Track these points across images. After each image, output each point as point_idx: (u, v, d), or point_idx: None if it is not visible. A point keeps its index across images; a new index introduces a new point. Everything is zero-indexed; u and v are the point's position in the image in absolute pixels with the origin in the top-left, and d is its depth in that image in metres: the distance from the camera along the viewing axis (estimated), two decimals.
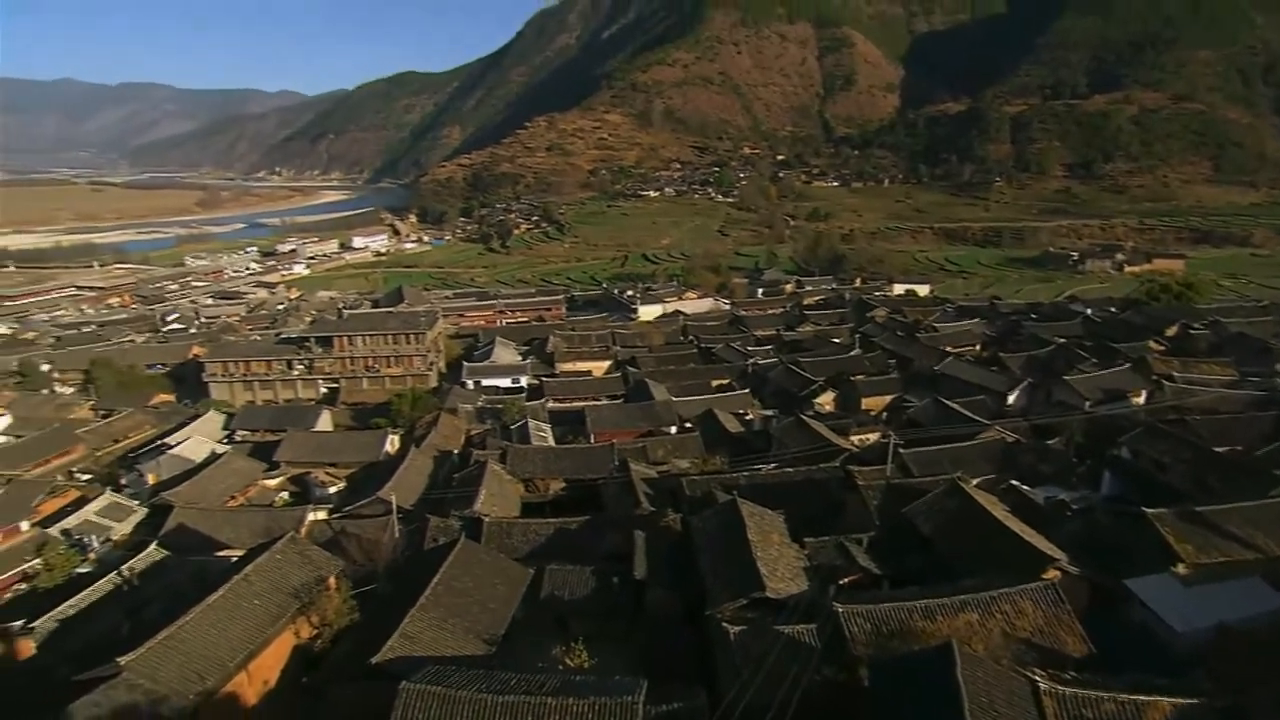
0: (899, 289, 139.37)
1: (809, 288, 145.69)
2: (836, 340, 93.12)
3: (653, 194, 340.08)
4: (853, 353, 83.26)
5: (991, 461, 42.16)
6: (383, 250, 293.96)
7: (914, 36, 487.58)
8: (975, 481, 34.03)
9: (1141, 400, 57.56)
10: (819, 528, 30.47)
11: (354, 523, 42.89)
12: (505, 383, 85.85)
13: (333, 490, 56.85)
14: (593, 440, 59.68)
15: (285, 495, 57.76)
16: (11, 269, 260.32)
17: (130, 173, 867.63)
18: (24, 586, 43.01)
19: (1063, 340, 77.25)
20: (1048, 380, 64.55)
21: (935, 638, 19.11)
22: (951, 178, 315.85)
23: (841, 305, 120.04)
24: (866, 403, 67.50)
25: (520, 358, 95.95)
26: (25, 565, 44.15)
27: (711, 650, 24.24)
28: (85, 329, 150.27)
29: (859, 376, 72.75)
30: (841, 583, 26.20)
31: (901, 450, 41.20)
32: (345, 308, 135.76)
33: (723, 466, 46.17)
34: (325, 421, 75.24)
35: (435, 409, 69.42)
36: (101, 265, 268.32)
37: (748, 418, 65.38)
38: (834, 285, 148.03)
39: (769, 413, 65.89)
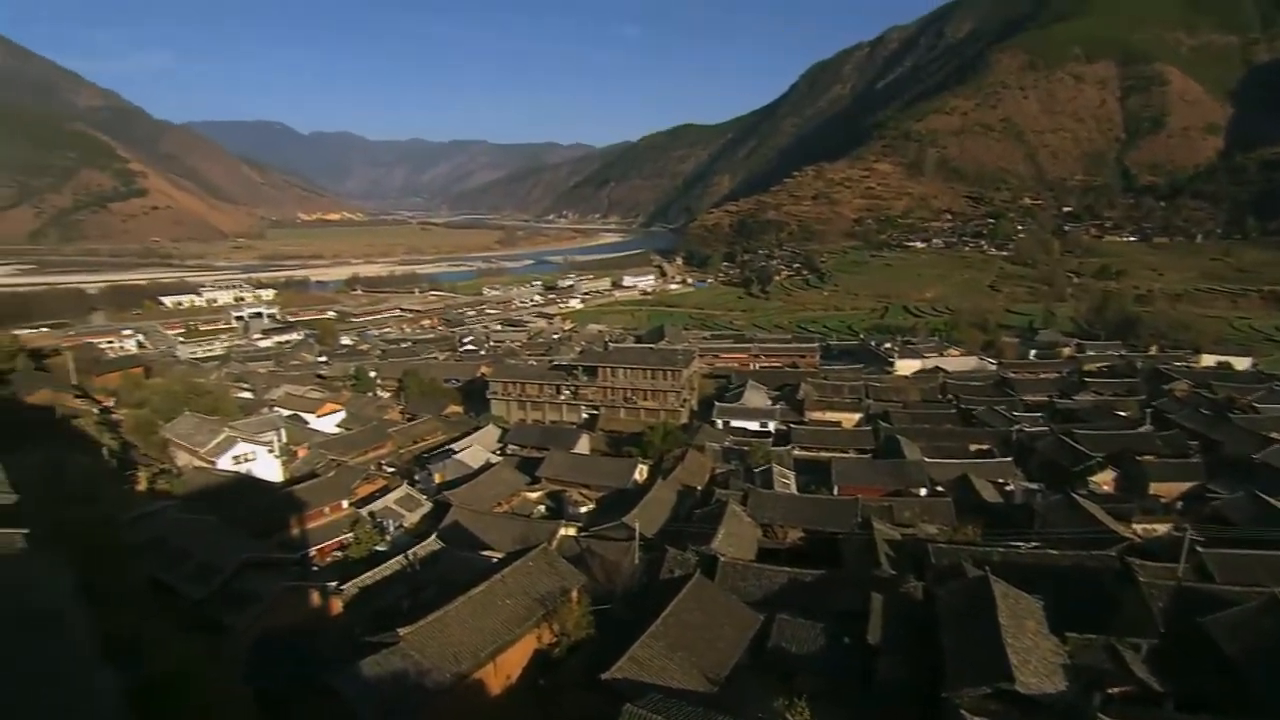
0: (1208, 360, 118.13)
1: (1091, 352, 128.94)
2: (1122, 413, 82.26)
3: (919, 245, 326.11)
4: (1142, 429, 72.96)
5: None
6: (649, 290, 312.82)
7: (1251, 67, 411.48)
8: None
9: None
10: (1085, 623, 26.77)
11: (599, 543, 45.11)
12: (754, 425, 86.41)
13: (583, 509, 60.52)
14: (836, 493, 58.17)
15: (542, 508, 62.25)
16: (359, 292, 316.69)
17: (450, 215, 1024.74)
18: (340, 554, 51.40)
19: None
20: None
21: None
22: None
23: (1131, 374, 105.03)
24: (1156, 488, 58.50)
25: (770, 402, 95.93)
26: (342, 537, 52.73)
27: None
28: (403, 345, 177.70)
29: (1148, 457, 63.52)
30: (1110, 691, 22.88)
31: (1200, 549, 34.91)
32: (611, 341, 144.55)
33: (975, 538, 42.40)
34: (584, 445, 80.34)
35: (684, 444, 71.46)
36: (420, 292, 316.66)
37: (1008, 488, 59.93)
38: (1122, 352, 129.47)
39: (1033, 486, 59.65)
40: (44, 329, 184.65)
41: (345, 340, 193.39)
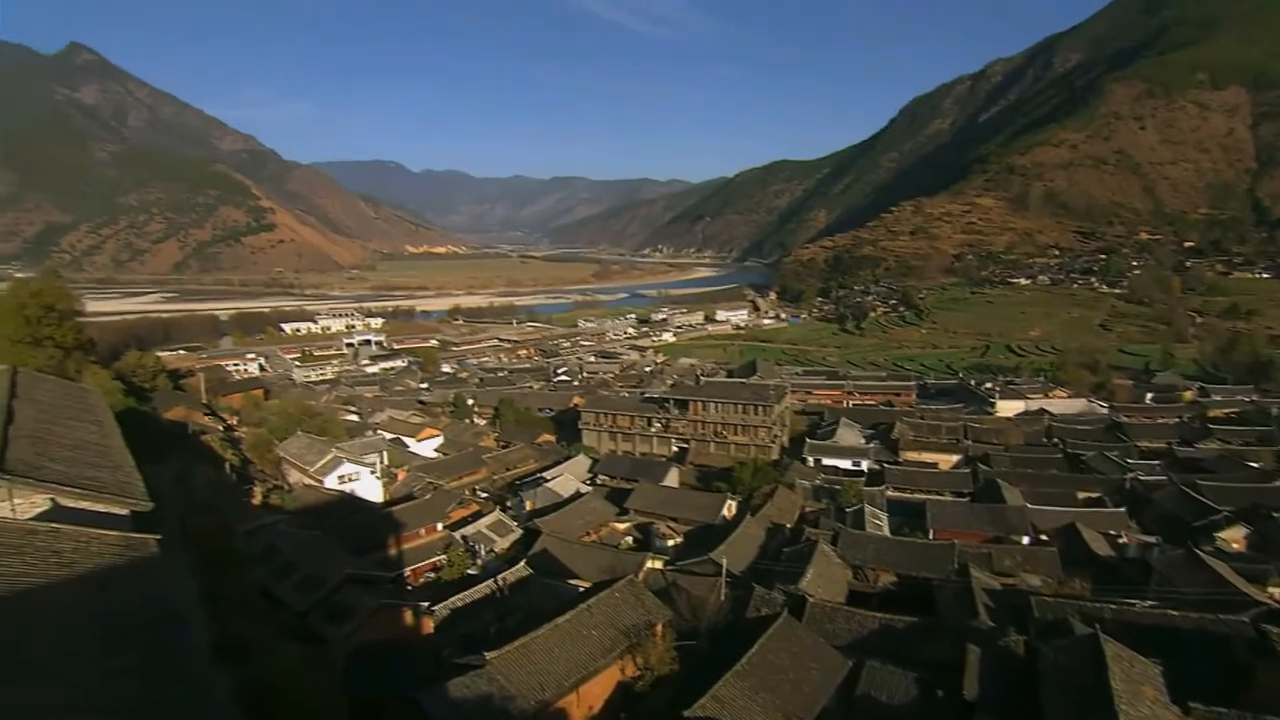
0: None
1: (1217, 397, 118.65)
2: (1254, 464, 75.14)
3: (1023, 282, 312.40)
4: (1278, 482, 66.38)
5: None
6: (742, 324, 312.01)
7: None
8: None
9: None
10: (1212, 694, 24.50)
11: (685, 578, 44.74)
12: (846, 464, 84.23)
13: (670, 543, 60.03)
14: (931, 537, 55.77)
15: (629, 540, 62.05)
16: (460, 322, 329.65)
17: (548, 249, 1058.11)
18: (433, 575, 52.91)
19: None
20: None
21: None
22: None
23: (1264, 422, 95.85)
24: None
25: (863, 440, 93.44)
26: (436, 558, 54.29)
27: None
28: (499, 374, 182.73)
29: None
30: None
31: None
32: (703, 375, 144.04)
33: (1083, 592, 39.78)
34: (673, 478, 79.97)
35: (774, 481, 70.37)
36: (518, 323, 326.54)
37: (1121, 541, 55.85)
38: (1254, 397, 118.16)
39: (1150, 539, 55.28)
40: (181, 351, 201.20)
41: (446, 368, 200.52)
